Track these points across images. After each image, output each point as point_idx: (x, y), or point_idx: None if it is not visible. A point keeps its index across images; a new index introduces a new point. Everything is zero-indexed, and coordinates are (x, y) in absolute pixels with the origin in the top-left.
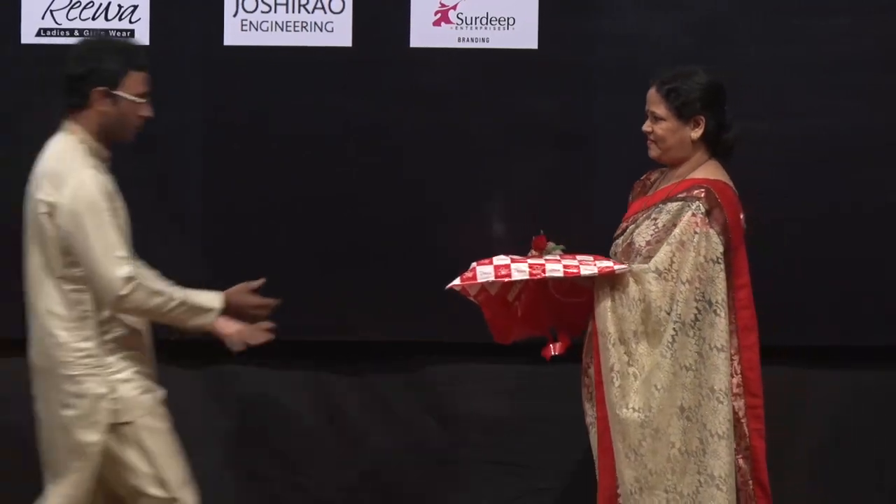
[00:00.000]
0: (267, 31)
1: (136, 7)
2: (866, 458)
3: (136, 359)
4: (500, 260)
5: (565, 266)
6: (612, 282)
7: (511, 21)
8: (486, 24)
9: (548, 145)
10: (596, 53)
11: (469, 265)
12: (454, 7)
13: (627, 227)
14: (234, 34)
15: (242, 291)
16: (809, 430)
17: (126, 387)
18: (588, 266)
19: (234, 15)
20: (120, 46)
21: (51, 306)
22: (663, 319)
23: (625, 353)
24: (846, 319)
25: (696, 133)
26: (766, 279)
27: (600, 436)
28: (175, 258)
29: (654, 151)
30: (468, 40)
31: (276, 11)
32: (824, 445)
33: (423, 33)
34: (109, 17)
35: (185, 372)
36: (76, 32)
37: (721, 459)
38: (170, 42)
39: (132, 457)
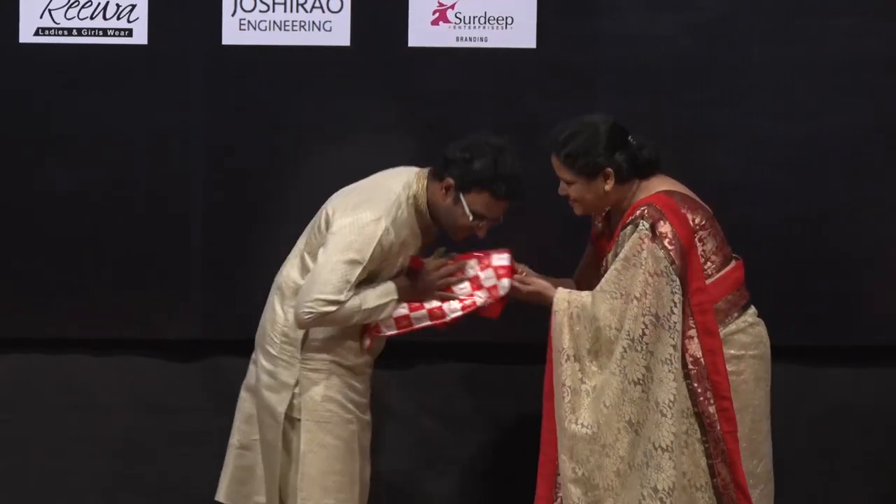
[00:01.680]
0: (265, 30)
1: (134, 6)
2: (866, 457)
3: (342, 368)
4: (399, 311)
5: (461, 300)
6: (569, 299)
7: (509, 20)
8: (485, 23)
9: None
10: (595, 53)
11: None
12: (452, 6)
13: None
14: (232, 33)
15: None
16: (810, 429)
17: (315, 389)
18: (479, 292)
19: (233, 14)
20: (500, 168)
21: (282, 284)
22: (614, 337)
23: (578, 370)
24: (846, 319)
25: (609, 185)
26: (766, 279)
27: (543, 446)
28: (175, 258)
29: (578, 210)
30: (466, 39)
31: (274, 11)
32: (825, 444)
33: (422, 32)
34: (108, 16)
35: (185, 368)
36: (74, 32)
37: (664, 472)
38: (168, 41)
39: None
